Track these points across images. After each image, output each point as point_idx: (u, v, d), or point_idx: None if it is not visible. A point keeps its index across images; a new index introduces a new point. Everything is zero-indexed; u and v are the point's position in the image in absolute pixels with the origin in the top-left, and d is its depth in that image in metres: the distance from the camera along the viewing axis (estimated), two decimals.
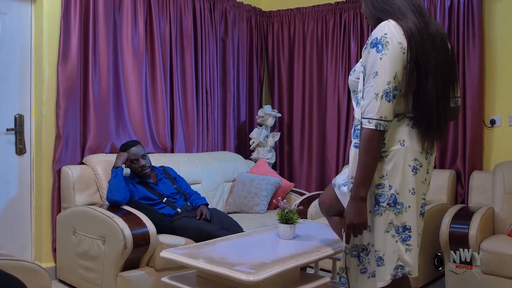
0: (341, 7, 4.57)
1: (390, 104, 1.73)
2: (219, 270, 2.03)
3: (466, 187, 3.80)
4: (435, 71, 1.80)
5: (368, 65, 1.77)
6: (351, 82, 2.02)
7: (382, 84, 1.72)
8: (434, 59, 1.80)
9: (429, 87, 1.79)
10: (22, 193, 3.37)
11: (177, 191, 3.43)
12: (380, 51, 1.73)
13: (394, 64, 1.73)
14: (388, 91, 1.72)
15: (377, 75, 1.73)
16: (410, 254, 1.84)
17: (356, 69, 1.99)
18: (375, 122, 1.72)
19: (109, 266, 2.85)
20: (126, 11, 3.73)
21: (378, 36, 1.76)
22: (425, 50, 1.77)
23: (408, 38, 1.75)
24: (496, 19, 3.81)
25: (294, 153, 4.91)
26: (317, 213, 3.83)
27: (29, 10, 3.38)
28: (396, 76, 1.73)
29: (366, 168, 1.76)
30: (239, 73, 4.81)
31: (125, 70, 3.74)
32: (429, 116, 1.83)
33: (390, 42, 1.73)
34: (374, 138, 1.74)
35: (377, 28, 1.79)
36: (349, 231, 1.82)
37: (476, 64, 3.79)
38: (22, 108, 3.37)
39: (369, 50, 1.78)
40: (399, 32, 1.76)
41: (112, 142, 3.65)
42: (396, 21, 1.78)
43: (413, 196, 1.82)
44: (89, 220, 3.04)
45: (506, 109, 3.79)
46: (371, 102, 1.73)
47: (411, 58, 1.75)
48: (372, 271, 1.88)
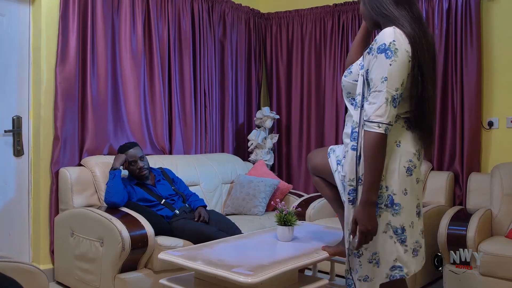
0: (340, 9, 4.58)
1: (395, 110, 1.77)
2: (217, 272, 2.03)
3: (464, 189, 3.80)
4: (431, 77, 1.86)
5: (376, 70, 1.77)
6: (346, 84, 2.02)
7: (392, 89, 1.74)
8: (430, 65, 1.86)
9: (430, 92, 1.84)
10: (20, 195, 3.36)
11: (175, 193, 3.43)
12: (390, 57, 1.74)
13: (402, 71, 1.75)
14: (395, 97, 1.75)
15: (386, 81, 1.74)
16: (408, 254, 1.85)
17: (353, 71, 1.99)
18: (385, 127, 1.74)
19: (107, 268, 2.85)
20: (124, 13, 3.73)
21: (386, 42, 1.76)
22: (425, 57, 1.82)
23: (413, 45, 1.78)
24: (494, 22, 3.82)
25: (293, 154, 4.92)
26: (316, 215, 3.83)
27: (27, 11, 3.38)
28: (403, 83, 1.76)
29: (376, 173, 1.77)
30: (238, 75, 4.81)
31: (123, 72, 3.74)
32: (429, 119, 1.89)
33: (399, 49, 1.75)
34: (383, 142, 1.76)
35: (383, 33, 1.79)
36: (363, 237, 1.80)
37: (474, 66, 3.80)
38: (20, 109, 3.36)
39: (376, 55, 1.78)
40: (405, 39, 1.78)
41: (110, 144, 3.65)
42: (399, 28, 1.80)
43: (405, 196, 1.84)
44: (87, 222, 3.03)
45: (503, 111, 3.80)
46: (381, 106, 1.74)
47: (415, 65, 1.79)
48: (364, 275, 1.88)
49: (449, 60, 3.93)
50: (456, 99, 3.89)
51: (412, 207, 1.87)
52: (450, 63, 3.92)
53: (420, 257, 1.91)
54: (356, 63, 2.00)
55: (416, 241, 1.89)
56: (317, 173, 2.29)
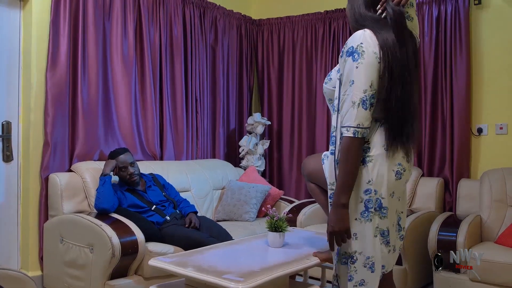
0: (331, 16, 4.61)
1: (367, 112, 1.75)
2: (207, 278, 2.02)
3: (454, 195, 3.83)
4: (405, 80, 1.82)
5: (345, 73, 1.80)
6: (327, 91, 2.05)
7: (359, 92, 1.74)
8: (405, 68, 1.82)
9: (399, 94, 1.80)
10: (9, 201, 3.33)
11: (166, 199, 3.42)
12: (356, 60, 1.76)
13: (369, 73, 1.75)
14: (364, 99, 1.74)
15: (353, 84, 1.75)
16: (394, 255, 1.93)
17: (332, 78, 2.02)
18: (353, 130, 1.75)
19: (96, 274, 2.82)
20: (116, 18, 3.72)
21: (354, 45, 1.78)
22: (397, 58, 1.79)
23: (382, 48, 1.78)
24: (483, 29, 3.87)
25: (284, 160, 4.92)
26: (307, 221, 3.84)
27: (18, 16, 3.36)
28: (372, 85, 1.76)
29: (346, 175, 1.78)
30: (229, 81, 4.82)
31: (114, 77, 3.73)
32: (398, 122, 1.84)
33: (366, 51, 1.76)
34: (353, 145, 1.76)
35: (353, 37, 1.82)
36: (331, 238, 1.84)
37: (463, 73, 3.84)
38: (10, 114, 3.34)
39: (345, 58, 1.81)
40: (374, 42, 1.78)
41: (100, 150, 3.63)
42: (372, 30, 1.81)
43: (392, 199, 1.86)
44: (77, 228, 3.01)
45: (492, 118, 3.84)
46: (349, 110, 1.76)
47: (385, 67, 1.77)
48: (360, 279, 1.89)
49: (439, 67, 3.96)
50: (446, 106, 3.92)
51: (394, 206, 1.90)
52: (440, 70, 3.96)
53: (397, 251, 1.97)
54: (334, 69, 2.03)
55: (395, 238, 1.94)
56: (312, 179, 2.30)
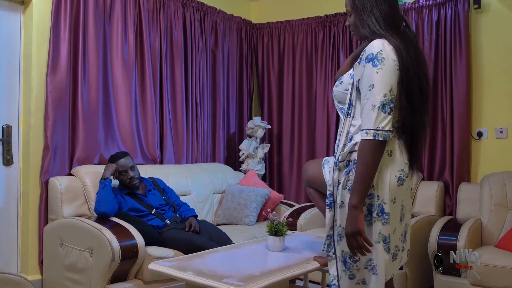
0: (331, 20, 4.62)
1: (387, 116, 1.77)
2: (207, 282, 2.02)
3: (454, 199, 3.83)
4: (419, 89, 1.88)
5: (364, 79, 1.82)
6: (337, 93, 2.08)
7: (379, 96, 1.76)
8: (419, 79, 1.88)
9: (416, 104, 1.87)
10: (9, 205, 3.33)
11: (166, 203, 3.42)
12: (376, 66, 1.79)
13: (389, 77, 1.79)
14: (384, 103, 1.77)
15: (373, 88, 1.78)
16: (394, 264, 1.94)
17: (344, 81, 2.06)
18: (373, 133, 1.76)
19: (96, 278, 2.82)
20: (116, 22, 3.73)
21: (374, 51, 1.81)
22: (413, 69, 1.85)
23: (400, 57, 1.82)
24: (483, 33, 3.88)
25: (284, 164, 4.92)
26: (307, 225, 3.83)
27: (18, 20, 3.37)
28: (391, 90, 1.78)
29: (361, 178, 1.79)
30: (229, 84, 4.82)
31: (114, 81, 3.73)
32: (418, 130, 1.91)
33: (386, 58, 1.79)
34: (372, 148, 1.77)
35: (372, 44, 1.84)
36: (347, 240, 1.84)
37: (463, 77, 3.85)
38: (10, 118, 3.34)
39: (364, 64, 1.83)
40: (393, 50, 1.82)
41: (101, 153, 3.63)
42: (388, 40, 1.84)
43: (394, 205, 1.86)
44: (76, 232, 3.00)
45: (492, 122, 3.84)
46: (368, 113, 1.78)
47: (402, 74, 1.82)
48: (362, 278, 1.90)
49: (439, 71, 3.97)
50: (446, 110, 3.93)
51: (397, 213, 1.91)
52: (440, 74, 3.96)
53: (398, 260, 1.97)
54: (347, 73, 2.07)
55: (396, 245, 1.94)
56: (311, 184, 2.31)
